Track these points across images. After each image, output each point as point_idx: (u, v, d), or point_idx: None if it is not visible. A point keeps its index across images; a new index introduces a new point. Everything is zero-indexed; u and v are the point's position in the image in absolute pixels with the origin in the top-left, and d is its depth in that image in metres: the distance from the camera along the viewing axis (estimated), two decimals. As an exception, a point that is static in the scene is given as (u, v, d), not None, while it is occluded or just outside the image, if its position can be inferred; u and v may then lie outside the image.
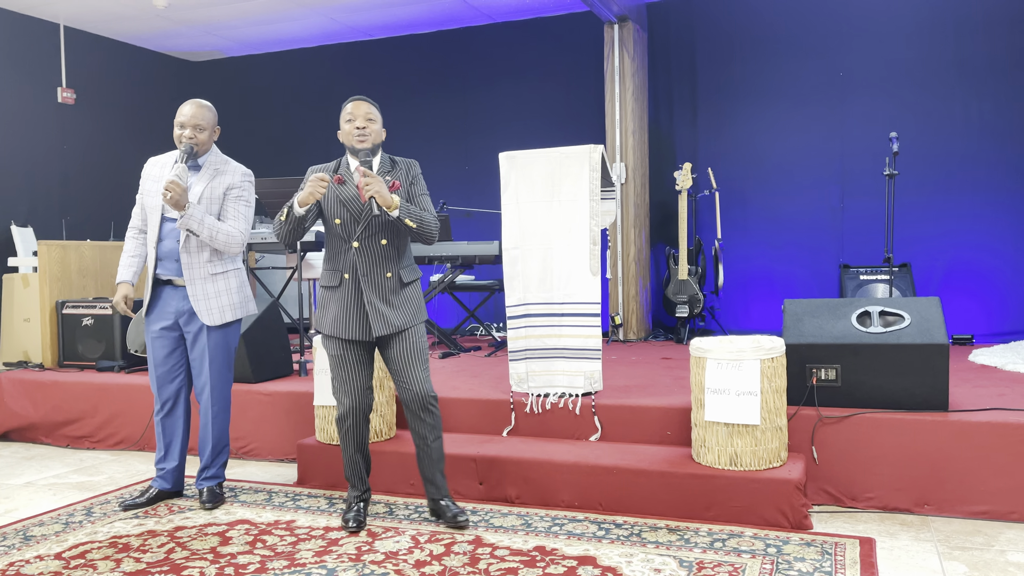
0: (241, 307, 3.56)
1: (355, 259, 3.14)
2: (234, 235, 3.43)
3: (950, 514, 3.24)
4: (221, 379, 3.53)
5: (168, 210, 3.44)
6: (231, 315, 3.51)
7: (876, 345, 3.41)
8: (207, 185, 3.45)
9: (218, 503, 3.54)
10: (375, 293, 3.14)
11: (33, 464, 4.47)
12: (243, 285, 3.56)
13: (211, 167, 3.49)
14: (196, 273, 3.43)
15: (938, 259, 6.32)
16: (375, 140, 3.18)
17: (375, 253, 3.14)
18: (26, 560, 2.96)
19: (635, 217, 6.51)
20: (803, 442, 3.43)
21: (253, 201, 3.56)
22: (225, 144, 8.96)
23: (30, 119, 7.35)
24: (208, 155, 3.51)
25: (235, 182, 3.50)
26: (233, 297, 3.51)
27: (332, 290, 3.20)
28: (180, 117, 3.46)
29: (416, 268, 3.29)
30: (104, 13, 7.32)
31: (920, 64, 6.35)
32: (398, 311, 3.16)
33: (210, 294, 3.45)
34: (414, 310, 3.20)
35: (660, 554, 2.87)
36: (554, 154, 3.90)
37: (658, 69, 7.06)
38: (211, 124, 3.51)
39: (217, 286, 3.46)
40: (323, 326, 3.22)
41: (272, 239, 6.28)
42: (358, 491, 3.31)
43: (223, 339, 3.52)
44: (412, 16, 7.54)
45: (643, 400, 3.80)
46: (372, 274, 3.14)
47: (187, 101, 3.49)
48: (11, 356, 5.72)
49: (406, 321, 3.16)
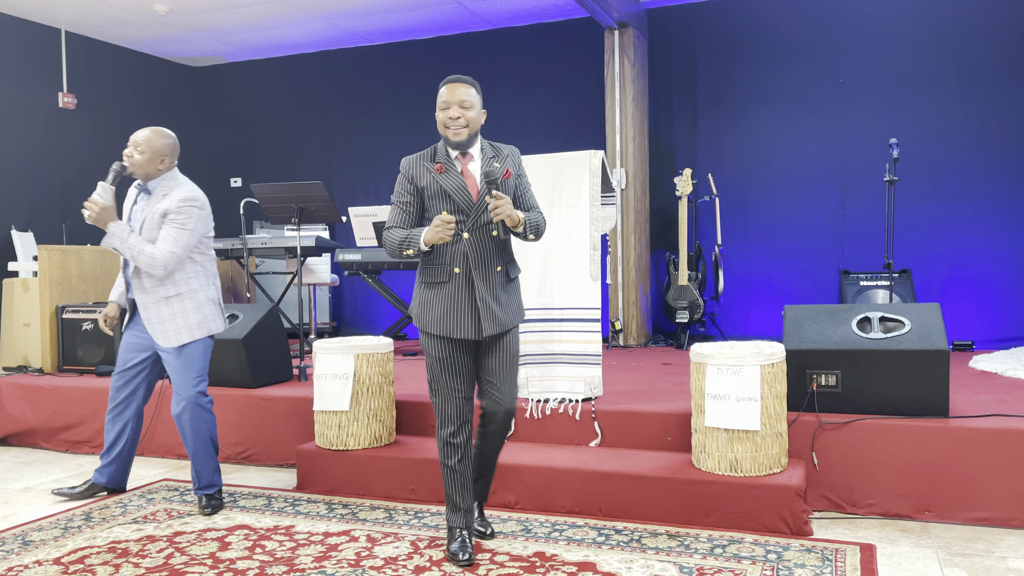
0: (198, 328, 3.51)
1: (466, 251, 2.84)
2: (156, 257, 3.38)
3: (951, 520, 3.23)
4: (188, 398, 3.51)
5: None
6: (187, 336, 3.48)
7: (876, 351, 3.40)
8: (151, 211, 3.48)
9: (217, 508, 3.56)
10: (486, 288, 2.86)
11: (32, 469, 4.46)
12: (200, 306, 3.52)
13: (160, 192, 3.51)
14: (148, 298, 3.47)
15: (938, 265, 6.32)
16: (473, 128, 2.85)
17: (486, 245, 2.87)
18: (25, 565, 2.96)
19: (635, 223, 6.51)
20: (803, 448, 3.43)
21: (192, 225, 3.46)
22: (226, 150, 8.99)
23: (31, 124, 7.36)
24: (159, 180, 3.52)
25: (172, 207, 3.45)
26: (189, 319, 3.49)
27: (440, 286, 2.87)
28: (131, 137, 3.51)
29: (517, 264, 3.03)
30: (105, 18, 7.33)
31: (920, 71, 6.37)
32: (505, 309, 2.90)
33: (164, 317, 3.47)
34: (516, 309, 2.96)
35: (660, 560, 2.87)
36: (554, 159, 3.91)
37: (658, 75, 7.07)
38: (153, 150, 3.47)
39: (172, 309, 3.47)
40: (429, 325, 2.88)
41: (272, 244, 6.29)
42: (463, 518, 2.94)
43: (185, 359, 3.50)
44: (413, 22, 7.55)
45: (643, 406, 3.79)
46: (482, 268, 2.86)
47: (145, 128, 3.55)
48: (11, 361, 5.72)
49: (511, 320, 2.92)
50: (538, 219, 2.91)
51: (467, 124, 2.83)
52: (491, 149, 2.94)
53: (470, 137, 2.86)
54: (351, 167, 8.36)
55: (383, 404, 3.88)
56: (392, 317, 8.11)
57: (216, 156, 9.00)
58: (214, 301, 3.59)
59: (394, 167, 8.16)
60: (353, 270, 6.05)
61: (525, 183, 2.98)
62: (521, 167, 2.97)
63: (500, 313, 2.88)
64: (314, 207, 4.99)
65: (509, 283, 2.95)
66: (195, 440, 3.54)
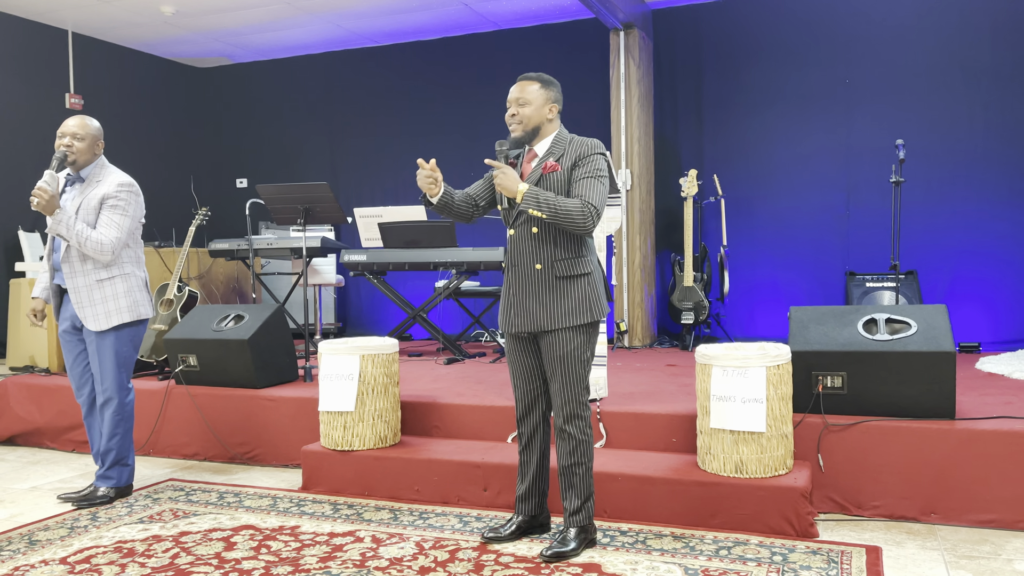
0: (129, 311, 3.60)
1: (511, 247, 2.95)
2: (104, 243, 3.48)
3: (957, 523, 3.22)
4: (116, 385, 3.61)
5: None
6: (117, 319, 3.57)
7: (882, 353, 3.40)
8: (85, 196, 3.55)
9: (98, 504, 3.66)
10: (522, 285, 2.90)
11: (39, 469, 4.47)
12: (131, 290, 3.61)
13: (92, 179, 3.59)
14: (80, 281, 3.54)
15: (944, 266, 6.30)
16: (529, 125, 2.91)
17: (526, 242, 2.89)
18: (31, 565, 2.97)
19: (640, 224, 6.51)
20: (809, 450, 3.42)
21: (132, 211, 3.57)
22: (231, 151, 9.01)
23: (38, 125, 7.39)
24: (91, 167, 3.61)
25: (110, 192, 3.54)
26: (120, 302, 3.58)
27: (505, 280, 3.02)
28: (61, 128, 3.57)
29: (585, 262, 2.89)
30: (112, 20, 7.36)
31: (926, 71, 6.35)
32: (546, 308, 2.86)
33: (96, 300, 3.54)
34: (566, 310, 2.85)
35: (665, 562, 2.86)
36: (560, 161, 3.90)
37: (664, 76, 7.06)
38: (92, 136, 3.58)
39: (104, 292, 3.55)
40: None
41: (278, 244, 6.30)
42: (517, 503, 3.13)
43: (114, 344, 3.59)
44: (418, 23, 7.56)
45: (648, 407, 3.79)
46: (522, 264, 2.90)
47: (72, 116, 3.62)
48: (17, 361, 5.74)
49: (551, 321, 2.85)
50: (558, 202, 2.76)
51: (521, 121, 2.90)
52: (562, 144, 2.91)
53: (527, 133, 2.92)
54: (356, 168, 8.38)
55: (388, 405, 3.88)
56: (397, 318, 8.12)
57: (222, 157, 9.02)
58: (145, 285, 3.70)
59: (398, 168, 8.17)
60: (359, 271, 6.06)
61: (582, 174, 2.85)
62: (587, 160, 2.86)
63: (538, 312, 2.87)
64: (320, 208, 4.99)
65: (559, 281, 2.86)
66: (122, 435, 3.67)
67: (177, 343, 4.61)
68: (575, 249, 2.88)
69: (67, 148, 3.52)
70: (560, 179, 2.87)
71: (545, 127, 2.94)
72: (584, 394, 2.90)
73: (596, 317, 2.88)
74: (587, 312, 2.87)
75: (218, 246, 6.45)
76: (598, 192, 2.83)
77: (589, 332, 2.90)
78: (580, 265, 2.88)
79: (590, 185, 2.83)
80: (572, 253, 2.88)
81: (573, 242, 2.88)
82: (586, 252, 2.91)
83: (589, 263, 2.91)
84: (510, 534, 3.07)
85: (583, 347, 2.89)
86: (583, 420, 2.91)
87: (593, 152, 2.88)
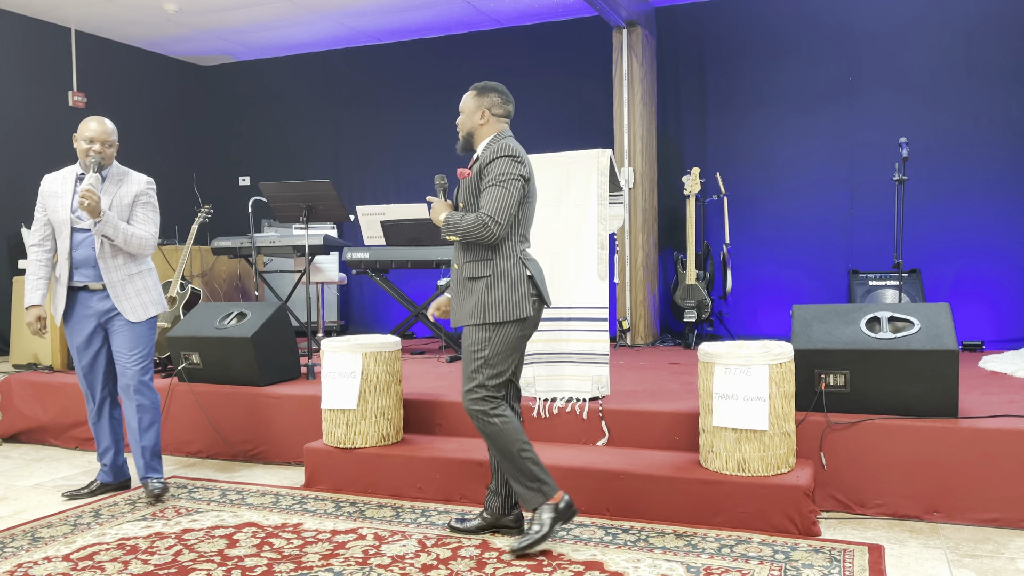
0: (157, 303, 3.76)
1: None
2: (146, 239, 3.67)
3: (960, 521, 3.22)
4: (144, 364, 3.70)
5: (77, 221, 3.64)
6: (153, 310, 3.72)
7: (885, 351, 3.39)
8: (114, 195, 3.65)
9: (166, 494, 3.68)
10: (454, 285, 3.06)
11: (42, 466, 4.48)
12: (156, 283, 3.79)
13: (115, 178, 3.69)
14: (115, 276, 3.64)
15: (948, 265, 6.29)
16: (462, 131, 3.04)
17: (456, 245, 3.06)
18: (34, 562, 2.97)
19: (643, 222, 6.50)
20: (811, 448, 3.42)
21: (158, 206, 3.78)
22: (234, 148, 9.01)
23: (42, 123, 7.39)
24: (111, 168, 3.70)
25: (141, 189, 3.71)
26: (152, 294, 3.74)
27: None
28: (87, 132, 3.62)
29: (488, 265, 2.94)
30: (115, 18, 7.36)
31: (930, 69, 6.33)
32: (458, 306, 3.00)
33: (131, 294, 3.66)
34: (470, 311, 2.94)
35: (667, 560, 2.86)
36: (562, 158, 3.90)
37: (667, 74, 7.05)
38: (115, 139, 3.70)
39: (136, 285, 3.68)
40: None
41: (281, 242, 6.30)
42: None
43: (147, 333, 3.72)
44: (421, 21, 7.56)
45: (651, 405, 3.79)
46: (453, 265, 3.07)
47: (89, 118, 3.66)
48: (21, 358, 5.75)
49: (459, 319, 2.99)
50: (465, 221, 2.88)
51: (459, 128, 3.06)
52: (486, 151, 2.98)
53: (463, 140, 3.07)
54: (359, 166, 8.38)
55: (391, 402, 3.88)
56: (400, 316, 8.12)
57: (225, 155, 9.02)
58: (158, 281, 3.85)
59: (401, 166, 8.17)
60: (361, 269, 6.07)
61: (486, 183, 2.92)
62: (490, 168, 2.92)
63: (455, 308, 3.04)
64: (322, 206, 5.00)
65: (469, 282, 2.97)
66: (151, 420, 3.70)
67: (180, 341, 4.61)
68: (480, 253, 2.96)
69: (98, 155, 3.60)
70: (471, 184, 2.98)
71: (479, 133, 3.05)
72: (482, 390, 2.92)
73: (489, 319, 2.90)
74: (482, 313, 2.92)
75: (221, 244, 6.45)
76: (496, 199, 2.87)
77: (489, 332, 2.92)
78: (483, 268, 2.94)
79: (489, 194, 2.89)
80: (477, 256, 2.97)
81: (479, 246, 2.96)
82: (494, 256, 2.94)
83: (494, 266, 2.93)
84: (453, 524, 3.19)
85: (480, 345, 2.92)
86: (483, 412, 2.93)
87: (495, 157, 2.92)
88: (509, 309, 2.91)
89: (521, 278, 2.94)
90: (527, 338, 3.02)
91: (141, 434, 3.69)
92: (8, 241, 7.12)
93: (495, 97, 3.04)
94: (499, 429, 2.91)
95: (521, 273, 2.95)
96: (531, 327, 3.01)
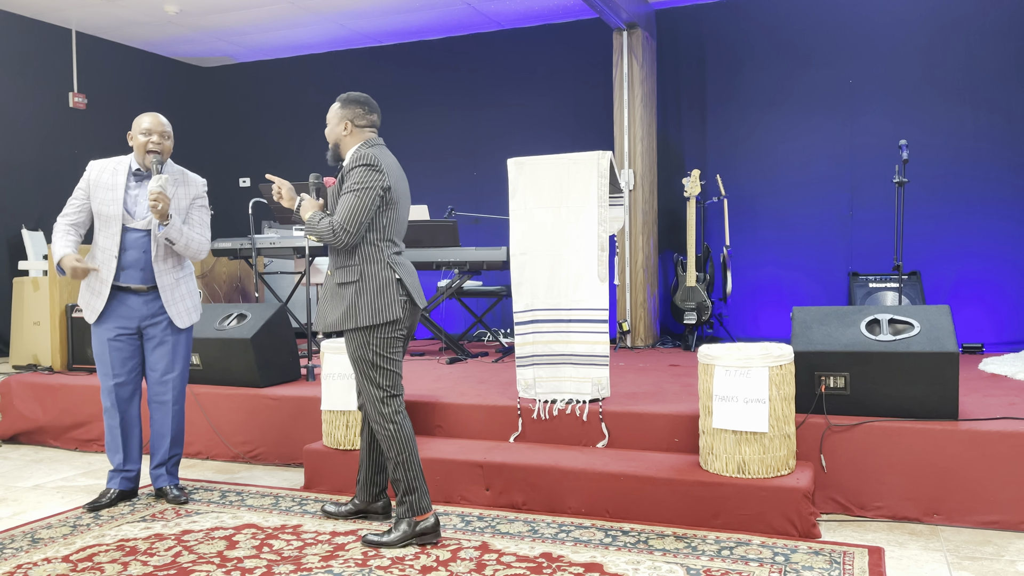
0: (200, 309, 3.72)
1: None
2: (203, 243, 3.61)
3: (960, 524, 3.22)
4: (184, 378, 3.68)
5: (129, 219, 3.50)
6: (196, 316, 3.69)
7: (885, 353, 3.39)
8: (174, 196, 3.55)
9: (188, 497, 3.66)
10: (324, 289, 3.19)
11: (41, 467, 4.48)
12: (197, 288, 3.74)
13: (175, 178, 3.60)
14: (166, 280, 3.56)
15: (948, 267, 6.29)
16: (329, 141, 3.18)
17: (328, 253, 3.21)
18: (33, 563, 2.97)
19: (643, 224, 6.50)
20: (811, 450, 3.42)
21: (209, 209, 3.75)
22: (235, 150, 9.02)
23: (42, 124, 7.40)
24: (171, 167, 3.61)
25: (199, 192, 3.66)
26: (196, 299, 3.69)
27: None
28: (144, 124, 3.54)
29: (353, 271, 3.03)
30: (116, 19, 7.37)
31: (930, 72, 6.34)
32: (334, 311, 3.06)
33: (177, 299, 3.60)
34: (340, 316, 3.03)
35: (667, 562, 2.86)
36: (562, 160, 3.90)
37: (667, 76, 7.06)
38: (171, 131, 3.63)
39: (180, 290, 3.62)
40: None
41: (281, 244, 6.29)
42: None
43: (187, 340, 3.68)
44: (422, 22, 7.57)
45: (651, 407, 3.79)
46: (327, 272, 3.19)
47: (142, 114, 3.60)
48: (21, 359, 5.75)
49: (328, 324, 3.08)
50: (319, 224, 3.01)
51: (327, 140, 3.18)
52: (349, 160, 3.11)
53: (331, 150, 3.18)
54: (359, 167, 8.36)
55: (390, 404, 3.88)
56: (400, 317, 8.10)
57: (225, 156, 9.03)
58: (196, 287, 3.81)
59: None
60: (361, 270, 6.06)
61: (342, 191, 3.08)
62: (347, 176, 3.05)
63: (322, 313, 3.10)
64: (322, 207, 4.99)
65: (340, 288, 3.06)
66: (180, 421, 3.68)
67: (180, 342, 4.61)
68: (347, 260, 3.05)
69: (157, 147, 3.51)
70: (335, 192, 3.12)
71: (344, 143, 3.15)
72: (377, 392, 3.02)
73: (360, 324, 2.99)
74: (353, 317, 3.01)
75: (221, 245, 6.45)
76: (348, 207, 2.97)
77: (365, 335, 3.02)
78: (351, 274, 3.03)
79: (343, 202, 3.00)
80: (345, 263, 3.06)
81: (346, 254, 3.05)
82: (360, 262, 3.04)
83: (361, 271, 3.03)
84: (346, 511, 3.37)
85: (362, 349, 3.02)
86: (382, 416, 3.02)
87: (353, 167, 3.03)
88: (378, 312, 3.01)
89: (389, 282, 3.04)
90: (404, 339, 3.13)
91: (172, 443, 3.65)
92: (8, 241, 7.12)
93: (357, 109, 3.13)
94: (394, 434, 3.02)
95: (389, 277, 3.04)
96: (404, 328, 3.10)
